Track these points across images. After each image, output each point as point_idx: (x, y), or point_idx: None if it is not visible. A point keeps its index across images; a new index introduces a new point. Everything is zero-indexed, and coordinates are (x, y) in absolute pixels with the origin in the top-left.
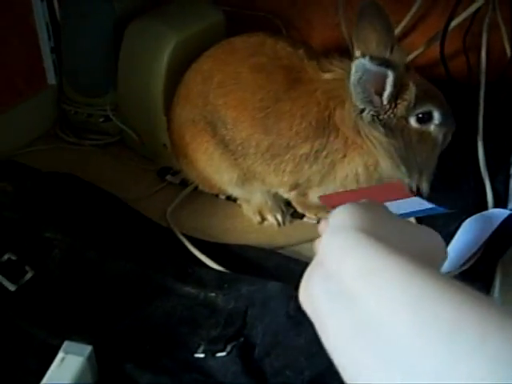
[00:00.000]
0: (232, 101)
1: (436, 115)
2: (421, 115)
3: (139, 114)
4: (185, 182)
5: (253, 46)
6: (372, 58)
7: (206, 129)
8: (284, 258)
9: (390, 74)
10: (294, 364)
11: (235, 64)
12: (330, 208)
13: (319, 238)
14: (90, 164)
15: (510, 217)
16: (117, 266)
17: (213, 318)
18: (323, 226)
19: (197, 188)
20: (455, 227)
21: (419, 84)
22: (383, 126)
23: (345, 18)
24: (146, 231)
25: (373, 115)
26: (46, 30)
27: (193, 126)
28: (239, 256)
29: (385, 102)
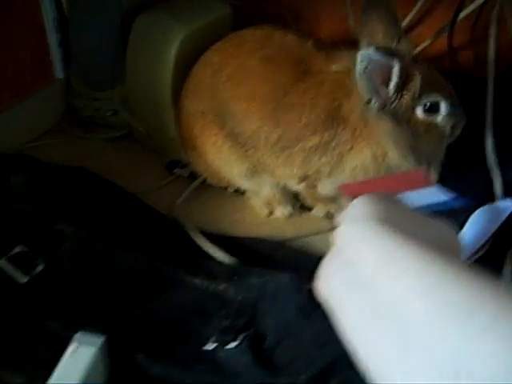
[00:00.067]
0: (241, 93)
1: (443, 106)
2: (428, 105)
3: (147, 107)
4: (193, 175)
5: (261, 39)
6: (377, 49)
7: (214, 121)
8: (293, 250)
9: (396, 63)
10: (304, 354)
11: (244, 57)
12: (351, 197)
13: (336, 228)
14: (98, 158)
15: None
16: (127, 257)
17: (223, 310)
18: (341, 216)
19: (205, 181)
20: (463, 219)
21: (427, 75)
22: (390, 116)
23: (352, 11)
24: (156, 224)
25: (379, 105)
26: (54, 23)
27: (202, 118)
28: (249, 248)
29: (391, 92)
